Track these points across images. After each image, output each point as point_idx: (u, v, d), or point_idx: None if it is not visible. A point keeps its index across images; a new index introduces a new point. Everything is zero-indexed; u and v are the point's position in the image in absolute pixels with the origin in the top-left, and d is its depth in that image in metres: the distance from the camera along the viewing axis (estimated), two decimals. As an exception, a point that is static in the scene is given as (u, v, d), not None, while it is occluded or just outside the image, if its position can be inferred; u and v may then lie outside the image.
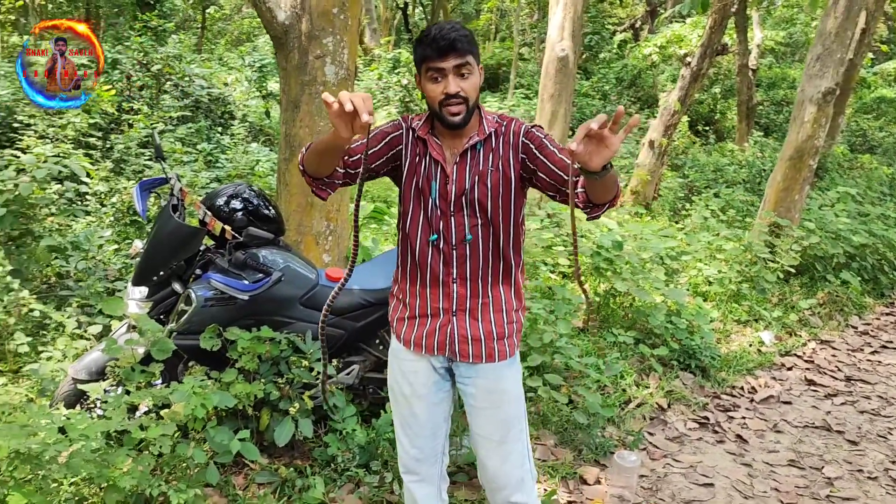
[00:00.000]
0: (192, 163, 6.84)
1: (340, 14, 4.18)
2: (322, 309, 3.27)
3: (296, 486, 2.99)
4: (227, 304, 3.08)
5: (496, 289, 2.16)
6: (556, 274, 6.10)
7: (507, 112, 12.82)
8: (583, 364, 4.00)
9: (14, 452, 2.23)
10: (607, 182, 1.78)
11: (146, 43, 8.53)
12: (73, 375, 3.11)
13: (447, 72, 1.95)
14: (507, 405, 2.20)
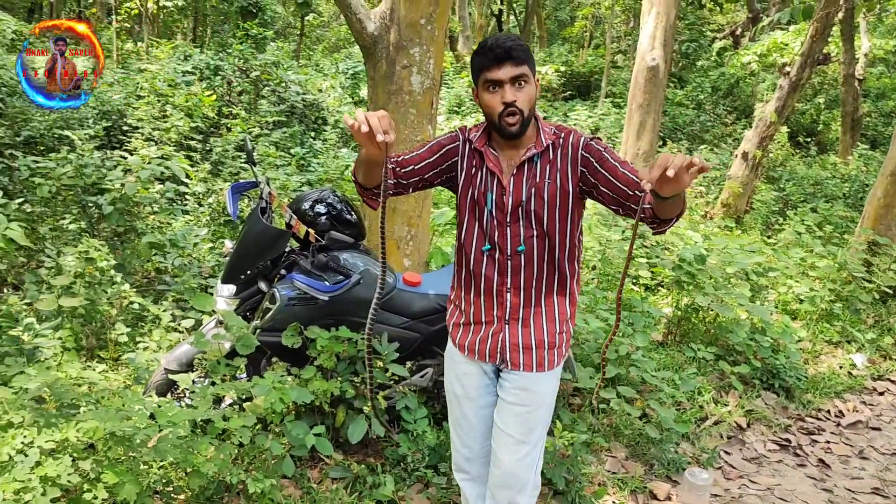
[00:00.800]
0: (286, 166, 7.10)
1: (427, 25, 4.28)
2: (400, 312, 3.40)
3: (367, 482, 3.10)
4: (308, 303, 3.22)
5: (549, 298, 2.20)
6: (637, 286, 6.03)
7: (598, 121, 12.70)
8: (658, 378, 3.96)
9: (109, 434, 2.41)
10: (675, 201, 1.83)
11: (246, 50, 8.92)
12: (165, 366, 3.31)
13: (504, 81, 1.98)
14: (537, 408, 2.23)
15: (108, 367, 3.95)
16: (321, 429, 2.96)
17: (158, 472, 2.85)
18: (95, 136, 6.85)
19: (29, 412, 2.43)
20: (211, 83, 8.50)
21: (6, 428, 2.32)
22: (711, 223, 8.69)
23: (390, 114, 4.30)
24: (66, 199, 5.28)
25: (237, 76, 8.77)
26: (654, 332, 5.12)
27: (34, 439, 2.29)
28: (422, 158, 2.19)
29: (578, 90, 18.25)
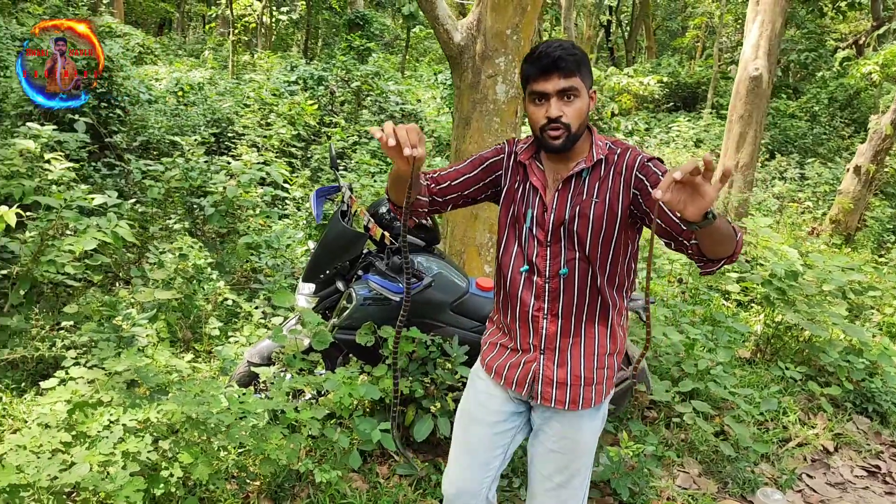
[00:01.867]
0: (381, 174, 7.30)
1: (513, 35, 4.34)
2: (472, 316, 3.46)
3: (431, 480, 3.17)
4: (382, 304, 3.32)
5: (590, 329, 2.00)
6: (729, 301, 5.86)
7: (701, 133, 12.37)
8: (739, 396, 3.84)
9: (186, 418, 2.59)
10: (713, 235, 1.61)
11: (349, 61, 9.24)
12: (248, 359, 3.49)
13: (550, 94, 1.83)
14: (576, 455, 2.07)
15: (200, 358, 4.20)
16: (387, 425, 3.05)
17: (235, 458, 3.01)
18: (204, 143, 7.26)
19: (117, 393, 2.64)
20: (314, 93, 8.85)
21: (95, 406, 2.53)
22: (817, 240, 8.31)
23: (475, 122, 4.45)
24: (175, 201, 5.64)
25: (340, 86, 9.09)
26: (742, 349, 4.96)
27: (119, 417, 2.49)
28: (461, 174, 2.08)
29: (684, 101, 17.82)
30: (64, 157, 5.08)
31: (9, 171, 5.21)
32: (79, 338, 3.46)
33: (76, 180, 5.28)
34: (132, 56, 12.90)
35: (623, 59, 23.39)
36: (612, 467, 3.17)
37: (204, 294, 4.64)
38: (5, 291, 4.24)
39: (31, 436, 2.38)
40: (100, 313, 3.62)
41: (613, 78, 13.28)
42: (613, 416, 3.72)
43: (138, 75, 10.30)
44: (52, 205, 4.46)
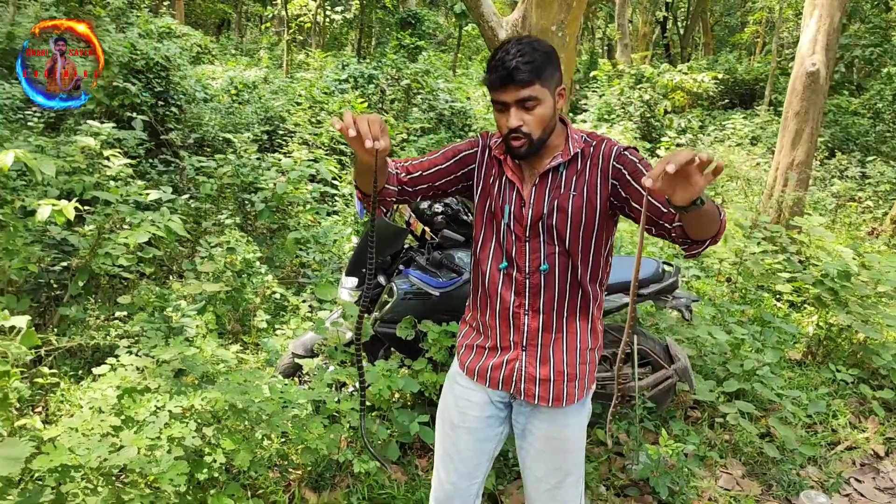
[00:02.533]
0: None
1: (558, 32, 4.34)
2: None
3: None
4: (422, 298, 3.37)
5: (571, 324, 1.99)
6: (781, 302, 5.74)
7: (758, 130, 12.11)
8: (787, 397, 3.77)
9: (229, 406, 2.67)
10: (701, 217, 1.59)
11: (399, 60, 9.32)
12: (293, 350, 3.57)
13: (509, 105, 1.80)
14: (566, 453, 2.06)
15: (248, 350, 4.30)
16: (426, 417, 3.09)
17: (277, 447, 3.09)
18: (257, 140, 7.42)
19: (164, 380, 2.74)
20: (364, 91, 8.95)
21: (143, 392, 2.62)
22: (877, 241, 8.07)
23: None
24: (227, 197, 5.79)
25: (390, 84, 9.17)
26: (792, 351, 4.86)
27: (166, 404, 2.58)
28: (433, 164, 2.03)
29: (741, 99, 17.45)
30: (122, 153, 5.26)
31: (70, 168, 5.42)
32: (131, 328, 3.59)
33: (133, 176, 5.46)
34: (190, 56, 13.23)
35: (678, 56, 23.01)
36: (651, 466, 3.15)
37: (253, 288, 4.75)
38: (65, 283, 4.41)
39: (83, 419, 2.48)
40: (152, 304, 3.75)
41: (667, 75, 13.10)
42: (655, 415, 3.69)
43: (195, 74, 10.56)
44: (109, 199, 4.62)
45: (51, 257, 4.49)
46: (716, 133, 12.40)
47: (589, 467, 3.31)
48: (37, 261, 4.30)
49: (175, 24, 14.33)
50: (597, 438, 3.55)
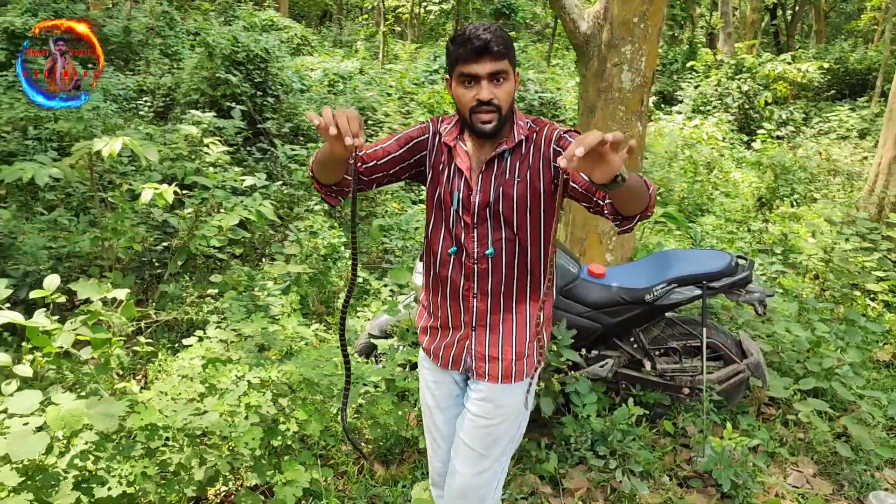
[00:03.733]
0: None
1: (641, 23, 4.32)
2: (582, 302, 3.52)
3: (532, 456, 3.28)
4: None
5: (521, 305, 2.04)
6: (876, 302, 5.52)
7: (866, 123, 11.54)
8: (867, 398, 3.67)
9: (303, 378, 2.85)
10: (625, 193, 1.61)
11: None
12: (369, 331, 3.74)
13: (480, 77, 1.82)
14: (501, 421, 2.07)
15: (331, 329, 4.52)
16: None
17: (349, 421, 3.27)
18: (349, 130, 7.66)
19: (245, 353, 2.95)
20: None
21: (225, 362, 2.84)
22: None
23: (600, 110, 4.48)
24: (317, 184, 6.04)
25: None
26: (881, 351, 4.69)
27: (245, 374, 2.79)
28: (387, 152, 2.03)
29: (852, 89, 16.62)
30: (221, 141, 5.58)
31: (174, 154, 5.79)
32: (221, 305, 3.85)
33: (231, 163, 5.78)
34: (290, 48, 13.71)
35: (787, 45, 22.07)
36: (714, 458, 3.15)
37: (337, 271, 4.96)
38: (166, 261, 4.75)
39: (172, 385, 2.72)
40: (241, 284, 4.00)
41: (769, 65, 12.64)
42: (725, 409, 3.67)
43: (294, 66, 10.97)
44: (206, 185, 4.93)
45: (154, 237, 4.84)
46: (820, 125, 11.90)
47: (653, 457, 3.34)
48: (141, 240, 4.65)
49: (277, 17, 14.87)
50: (663, 429, 3.57)
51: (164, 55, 11.30)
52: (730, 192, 8.37)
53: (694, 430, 3.54)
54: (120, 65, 10.91)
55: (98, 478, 2.33)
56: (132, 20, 12.10)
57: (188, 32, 12.17)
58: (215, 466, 2.51)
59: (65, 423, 2.17)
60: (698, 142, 9.57)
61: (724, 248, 6.24)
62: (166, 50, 11.50)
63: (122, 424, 2.50)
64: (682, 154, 8.91)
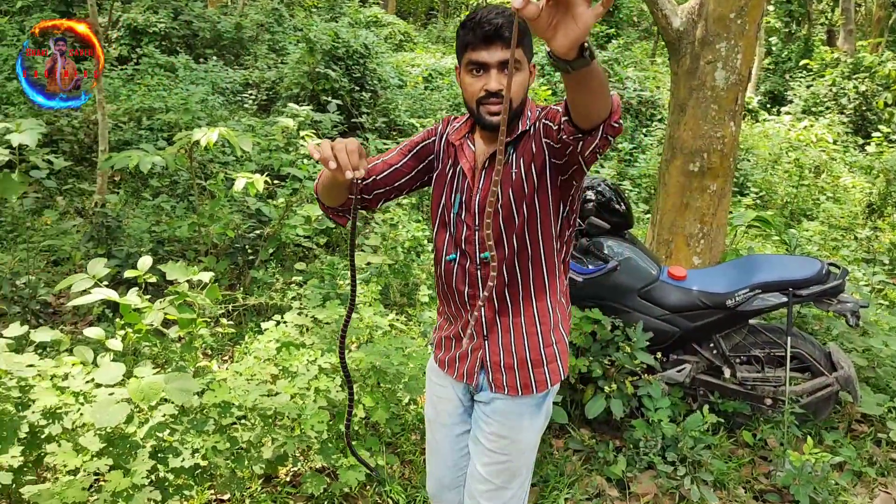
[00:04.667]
0: (605, 160, 7.30)
1: (738, 19, 4.17)
2: (661, 304, 3.45)
3: (600, 457, 3.24)
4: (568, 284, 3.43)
5: (528, 307, 1.90)
6: None
7: None
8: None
9: (371, 366, 2.91)
10: (587, 80, 1.34)
11: (587, 48, 9.26)
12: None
13: (490, 66, 1.69)
14: (519, 456, 1.96)
15: (412, 321, 4.59)
16: (558, 398, 3.17)
17: (418, 411, 3.32)
18: (442, 125, 7.74)
19: (318, 339, 3.05)
20: (551, 79, 9.01)
21: (298, 347, 2.94)
22: None
23: (691, 109, 4.35)
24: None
25: (577, 72, 9.16)
26: None
27: (317, 359, 2.88)
28: (388, 165, 1.93)
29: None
30: (316, 134, 5.76)
31: (272, 146, 6.01)
32: (304, 291, 3.98)
33: (324, 156, 5.94)
34: (392, 44, 13.95)
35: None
36: (793, 473, 3.02)
37: (419, 263, 5.04)
38: (258, 248, 4.94)
39: (247, 366, 2.84)
40: (323, 272, 4.12)
41: (889, 64, 11.88)
42: (811, 423, 3.51)
43: (395, 62, 11.16)
44: (298, 176, 5.09)
45: (247, 225, 5.04)
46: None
47: (729, 468, 3.24)
48: (235, 228, 4.86)
49: (382, 14, 15.15)
50: (742, 440, 3.45)
51: (271, 50, 11.72)
52: (839, 198, 7.96)
53: (775, 443, 3.40)
54: (230, 59, 11.39)
55: (173, 449, 2.46)
56: (244, 17, 12.61)
57: (295, 28, 12.57)
58: (283, 447, 2.60)
59: (143, 395, 2.30)
60: (806, 144, 9.12)
61: (826, 255, 5.95)
62: (274, 46, 11.92)
63: (199, 401, 2.63)
64: (786, 157, 8.53)
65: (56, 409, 2.43)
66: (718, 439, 3.40)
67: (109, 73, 8.99)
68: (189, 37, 11.57)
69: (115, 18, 11.42)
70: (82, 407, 2.45)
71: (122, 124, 7.52)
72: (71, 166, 7.07)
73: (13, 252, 5.18)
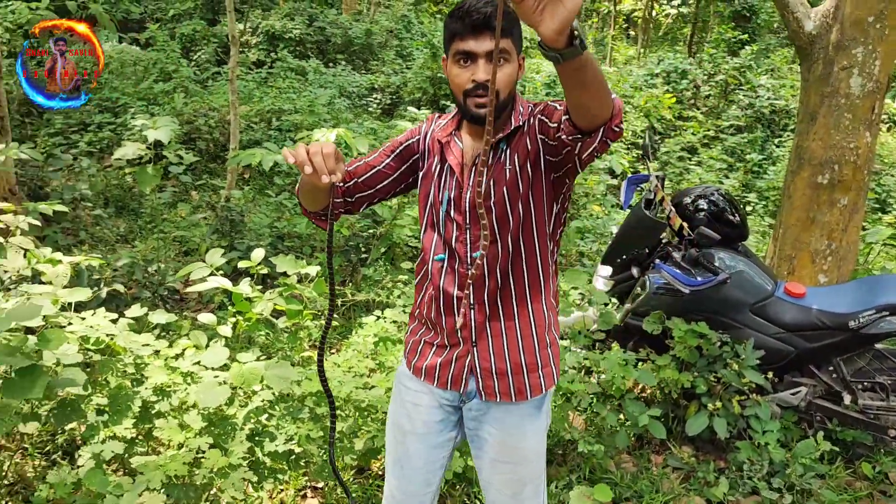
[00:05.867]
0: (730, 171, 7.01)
1: (876, 23, 3.91)
2: (775, 321, 3.28)
3: (700, 477, 3.11)
4: (674, 295, 3.32)
5: (522, 308, 1.81)
6: None
7: None
8: None
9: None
10: (581, 71, 1.30)
11: (718, 55, 8.92)
12: (546, 330, 3.75)
13: (478, 56, 1.62)
14: (525, 463, 1.87)
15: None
16: (657, 412, 3.07)
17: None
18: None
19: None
20: (676, 87, 8.74)
21: (395, 342, 2.99)
22: None
23: (822, 118, 4.12)
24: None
25: (705, 80, 8.85)
26: None
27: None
28: (370, 167, 1.86)
29: None
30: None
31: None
32: (408, 290, 4.05)
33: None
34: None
35: None
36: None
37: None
38: (371, 247, 5.08)
39: (345, 358, 2.92)
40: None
41: None
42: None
43: (519, 68, 11.16)
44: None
45: (361, 224, 5.19)
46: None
47: (842, 500, 3.03)
48: (349, 226, 5.01)
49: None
50: (861, 472, 3.22)
51: (398, 56, 12.02)
52: None
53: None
54: (359, 64, 11.77)
55: (269, 433, 2.57)
56: (374, 23, 12.99)
57: (422, 34, 12.83)
58: (374, 439, 2.66)
59: (244, 379, 2.41)
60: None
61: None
62: (401, 51, 12.21)
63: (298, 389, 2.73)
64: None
65: (166, 387, 2.59)
66: (833, 469, 3.19)
67: (245, 76, 9.49)
68: (322, 42, 12.05)
69: (255, 25, 12.06)
70: (189, 387, 2.60)
71: (253, 124, 7.93)
72: (206, 163, 7.53)
73: (148, 241, 5.56)
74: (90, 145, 7.41)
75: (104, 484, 2.24)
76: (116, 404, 2.42)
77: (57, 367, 2.28)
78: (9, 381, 2.04)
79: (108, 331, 2.56)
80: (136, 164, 4.50)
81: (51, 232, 5.24)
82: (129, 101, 8.19)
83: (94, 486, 2.23)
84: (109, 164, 6.91)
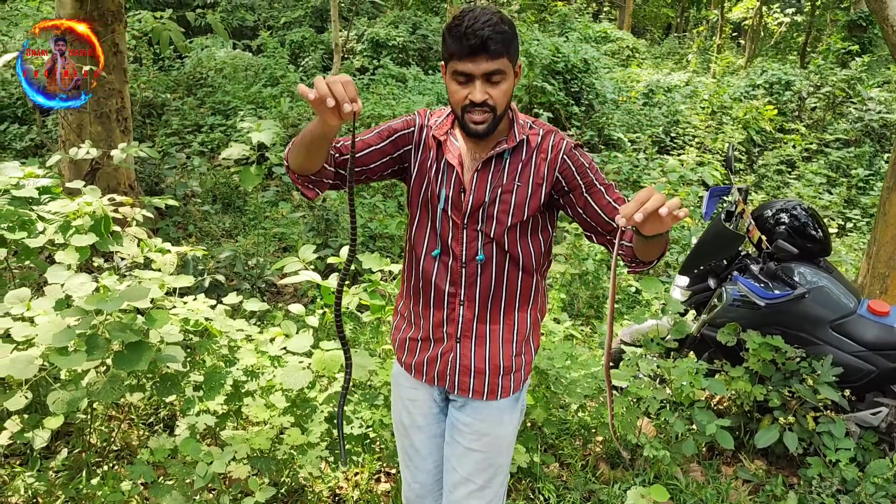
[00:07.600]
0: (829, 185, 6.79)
1: (983, 36, 3.78)
2: (856, 339, 3.24)
3: (768, 491, 3.10)
4: (750, 307, 3.32)
5: (509, 314, 1.90)
6: None
7: None
8: None
9: (535, 368, 3.03)
10: (658, 242, 1.59)
11: (825, 66, 8.63)
12: (621, 336, 3.81)
13: (475, 77, 1.67)
14: (498, 453, 1.96)
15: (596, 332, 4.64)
16: (727, 422, 3.08)
17: (579, 417, 3.39)
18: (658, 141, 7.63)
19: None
20: (779, 98, 8.51)
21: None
22: None
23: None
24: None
25: (810, 92, 8.58)
26: None
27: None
28: (367, 145, 1.86)
29: None
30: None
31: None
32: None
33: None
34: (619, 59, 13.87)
35: None
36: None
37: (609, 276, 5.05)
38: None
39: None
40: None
41: None
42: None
43: (621, 76, 11.13)
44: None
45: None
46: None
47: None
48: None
49: (611, 29, 15.11)
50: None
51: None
52: None
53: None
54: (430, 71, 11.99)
55: (346, 417, 2.75)
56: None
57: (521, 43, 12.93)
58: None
59: (325, 365, 2.61)
60: None
61: None
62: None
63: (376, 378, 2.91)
64: None
65: (255, 369, 2.82)
66: (911, 493, 3.11)
67: (349, 82, 9.84)
68: (424, 49, 12.34)
69: (360, 32, 12.49)
70: (275, 370, 2.82)
71: (353, 129, 8.23)
72: (307, 165, 7.87)
73: (250, 237, 5.92)
74: (202, 145, 7.91)
75: (196, 451, 2.48)
76: (211, 382, 2.66)
77: (161, 345, 2.53)
78: (119, 354, 2.30)
79: (207, 315, 2.82)
80: (241, 164, 4.83)
81: (164, 225, 5.67)
82: (240, 104, 8.68)
83: (188, 453, 2.47)
84: (218, 164, 7.36)
